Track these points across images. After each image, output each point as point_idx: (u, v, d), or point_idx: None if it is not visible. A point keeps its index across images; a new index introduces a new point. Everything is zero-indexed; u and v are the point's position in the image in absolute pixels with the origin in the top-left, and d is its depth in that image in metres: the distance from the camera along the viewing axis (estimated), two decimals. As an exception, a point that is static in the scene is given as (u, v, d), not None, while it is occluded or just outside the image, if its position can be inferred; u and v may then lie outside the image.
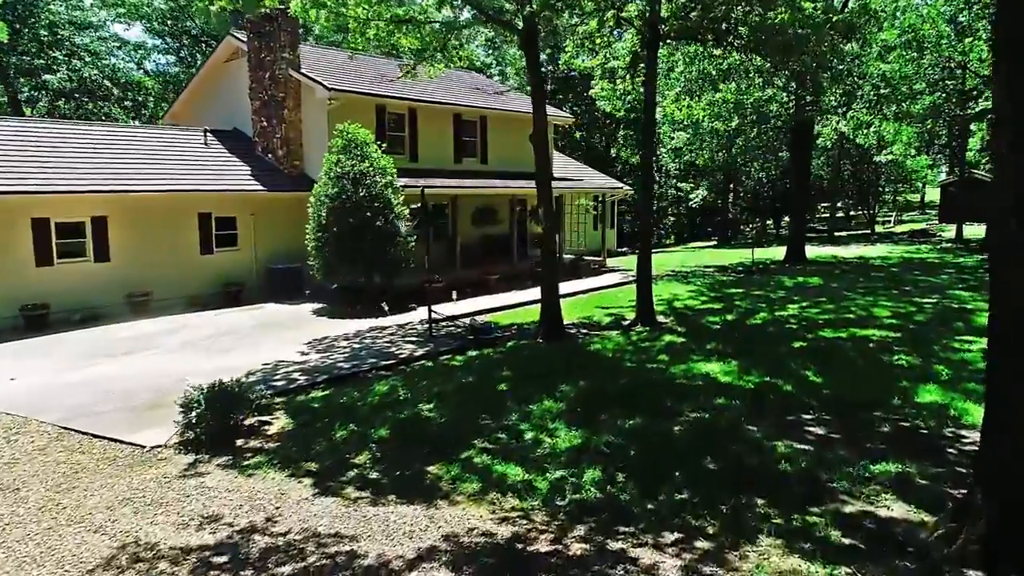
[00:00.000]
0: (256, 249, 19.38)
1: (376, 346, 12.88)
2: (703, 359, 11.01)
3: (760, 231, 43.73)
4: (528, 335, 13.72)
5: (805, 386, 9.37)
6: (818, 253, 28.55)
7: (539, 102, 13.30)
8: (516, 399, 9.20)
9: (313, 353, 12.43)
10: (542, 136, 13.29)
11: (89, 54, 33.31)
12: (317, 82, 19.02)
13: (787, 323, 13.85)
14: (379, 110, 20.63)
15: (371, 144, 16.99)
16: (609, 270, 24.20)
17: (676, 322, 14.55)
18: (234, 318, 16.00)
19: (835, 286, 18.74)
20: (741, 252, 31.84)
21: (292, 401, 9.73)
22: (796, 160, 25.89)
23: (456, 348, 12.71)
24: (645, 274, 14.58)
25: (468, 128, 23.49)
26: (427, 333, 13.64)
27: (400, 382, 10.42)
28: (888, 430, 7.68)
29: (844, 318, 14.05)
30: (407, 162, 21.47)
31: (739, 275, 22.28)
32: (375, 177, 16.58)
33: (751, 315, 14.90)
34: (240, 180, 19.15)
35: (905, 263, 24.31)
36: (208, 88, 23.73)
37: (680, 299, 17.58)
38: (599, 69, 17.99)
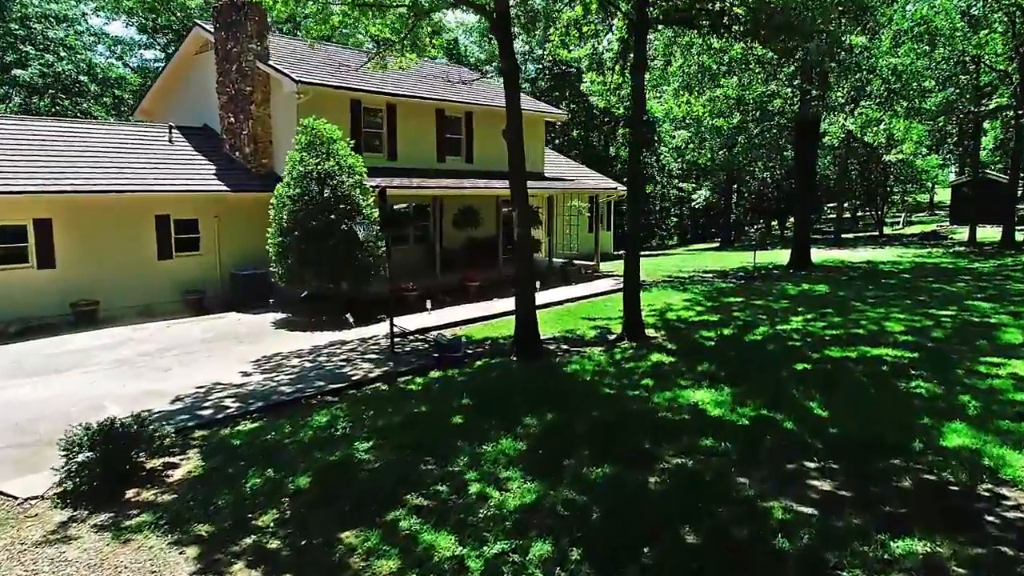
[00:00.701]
0: (220, 254, 18.08)
1: (329, 365, 11.55)
2: (692, 385, 9.64)
3: (763, 233, 42.27)
4: (502, 351, 12.39)
5: (808, 422, 8.00)
6: (824, 257, 27.13)
7: (513, 92, 11.96)
8: (470, 436, 7.86)
9: (257, 374, 11.11)
10: (517, 131, 11.95)
11: (65, 48, 32.06)
12: (284, 74, 17.70)
13: (789, 339, 12.46)
14: (354, 105, 19.31)
15: (338, 141, 15.66)
16: (602, 275, 22.83)
17: (666, 337, 13.18)
18: (185, 330, 14.69)
19: (843, 295, 17.33)
20: (743, 255, 30.45)
21: (213, 436, 8.40)
22: (801, 159, 24.49)
23: (418, 368, 11.37)
24: (632, 283, 13.23)
25: (452, 125, 22.16)
26: (389, 350, 12.30)
27: (343, 412, 9.09)
28: (909, 485, 6.31)
29: (853, 334, 12.66)
30: (385, 161, 20.18)
31: (740, 281, 20.89)
32: (342, 177, 15.26)
33: (750, 329, 13.52)
34: (202, 180, 17.85)
35: (917, 268, 22.87)
36: (177, 83, 22.45)
37: (674, 309, 16.20)
38: (586, 60, 16.63)
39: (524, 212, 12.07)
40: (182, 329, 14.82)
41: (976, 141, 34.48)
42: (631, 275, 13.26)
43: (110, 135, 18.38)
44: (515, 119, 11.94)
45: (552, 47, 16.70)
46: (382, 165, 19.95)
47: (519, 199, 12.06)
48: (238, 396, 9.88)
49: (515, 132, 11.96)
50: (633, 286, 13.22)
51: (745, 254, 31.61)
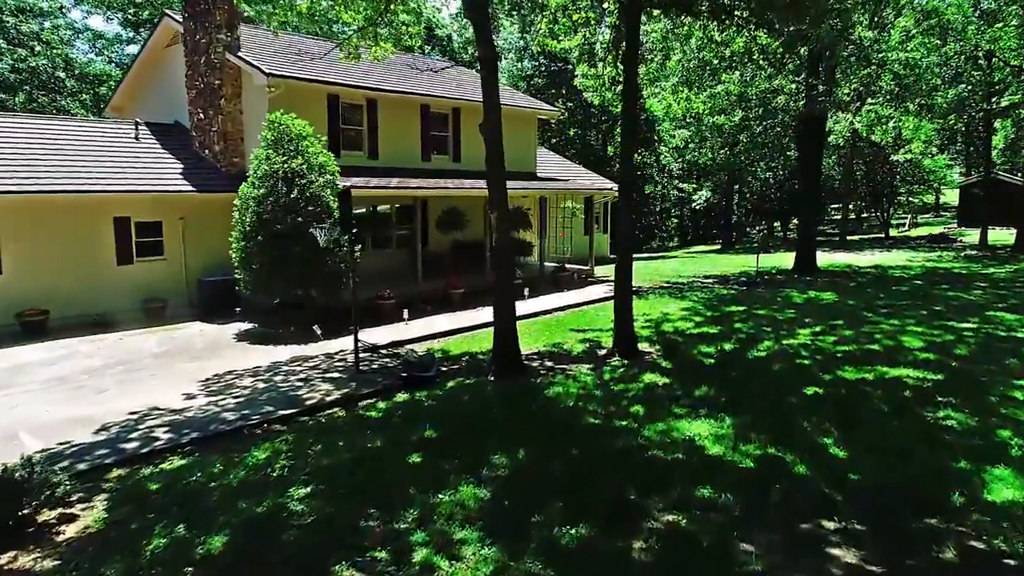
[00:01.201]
0: (186, 259, 16.91)
1: (285, 386, 10.37)
2: (689, 413, 8.46)
3: (766, 235, 41.08)
4: (480, 369, 11.20)
5: (824, 465, 6.80)
6: (830, 260, 25.93)
7: (491, 83, 10.77)
8: (427, 480, 6.68)
9: (202, 396, 9.92)
10: (495, 125, 10.77)
11: (40, 43, 30.88)
12: (254, 66, 16.52)
13: (797, 356, 11.27)
14: (331, 100, 18.14)
15: (308, 137, 14.47)
16: (597, 281, 21.64)
17: (661, 353, 11.98)
18: (140, 343, 13.51)
19: (852, 304, 16.13)
20: (745, 258, 29.25)
21: (129, 478, 7.22)
22: (806, 158, 23.29)
23: (383, 390, 10.19)
24: (624, 294, 12.05)
25: (438, 122, 20.98)
26: (354, 368, 11.11)
27: (287, 446, 7.91)
28: (954, 556, 5.12)
29: (867, 350, 11.46)
30: (365, 160, 19.01)
31: (742, 288, 19.69)
32: (312, 176, 14.08)
33: (753, 344, 12.32)
34: (167, 179, 16.68)
35: (929, 274, 21.66)
36: (148, 78, 21.29)
37: (671, 320, 15.00)
38: (577, 51, 15.44)
39: (504, 216, 10.89)
40: (136, 341, 13.64)
41: (988, 140, 33.24)
42: (623, 285, 12.08)
43: (69, 131, 17.20)
44: (493, 112, 10.75)
45: (539, 38, 15.50)
46: (362, 164, 18.79)
47: (498, 201, 10.88)
48: (173, 425, 8.70)
49: (493, 127, 10.78)
50: (625, 297, 12.04)
51: (747, 257, 30.42)
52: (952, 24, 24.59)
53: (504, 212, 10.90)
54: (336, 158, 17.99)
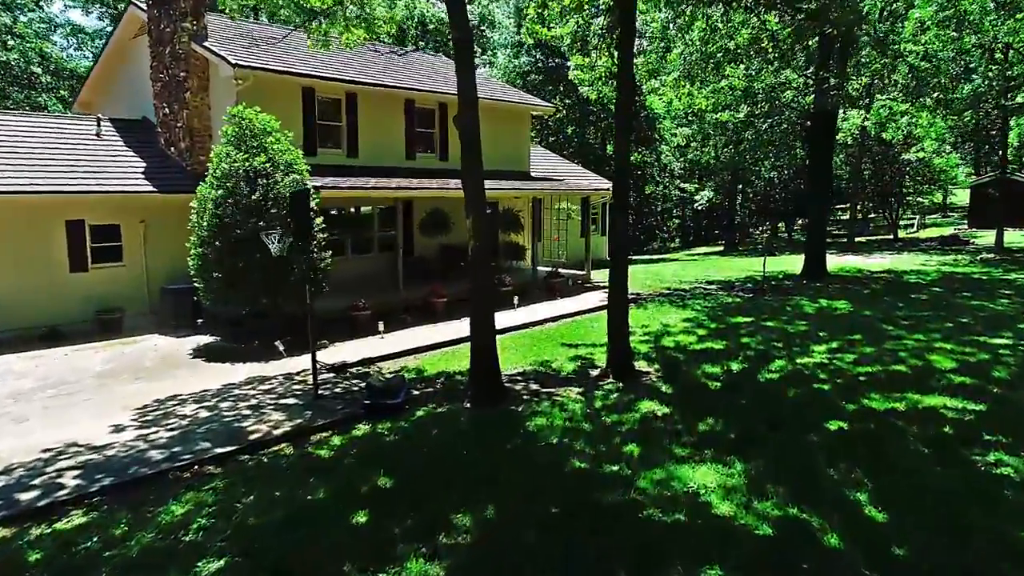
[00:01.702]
0: (147, 265, 15.64)
1: (230, 415, 9.09)
2: (692, 455, 7.17)
3: (771, 236, 39.77)
4: (456, 393, 9.92)
5: (860, 535, 5.51)
6: (840, 264, 24.60)
7: (465, 67, 9.50)
8: (369, 551, 5.41)
9: (132, 428, 8.64)
10: (470, 116, 9.49)
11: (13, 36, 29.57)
12: (220, 56, 15.24)
13: (814, 379, 9.97)
14: (307, 94, 16.84)
15: (274, 133, 13.20)
16: (593, 287, 20.36)
17: (661, 373, 10.69)
18: (85, 359, 12.24)
19: (869, 315, 14.82)
20: (750, 262, 27.94)
21: (10, 543, 5.94)
22: (815, 156, 21.97)
23: (342, 420, 8.91)
24: (619, 306, 10.75)
25: (424, 118, 19.69)
26: (313, 392, 9.81)
27: (213, 496, 6.64)
28: None
29: (894, 372, 10.15)
30: (344, 158, 17.73)
31: (748, 295, 18.38)
32: (277, 175, 12.81)
33: (764, 363, 11.03)
34: (126, 179, 15.40)
35: (946, 279, 20.34)
36: (115, 71, 20.03)
37: (671, 332, 13.70)
38: (568, 38, 14.16)
39: (481, 219, 9.60)
40: (81, 358, 12.36)
41: (1004, 138, 31.90)
42: (618, 295, 10.78)
43: (22, 127, 15.92)
44: (468, 101, 9.49)
45: (528, 24, 14.24)
46: (341, 163, 17.52)
47: (475, 202, 9.59)
48: (87, 467, 7.42)
49: (469, 118, 9.51)
50: (620, 309, 10.74)
51: (751, 260, 29.12)
52: (969, 15, 23.27)
53: (481, 215, 9.61)
54: (312, 156, 16.95)
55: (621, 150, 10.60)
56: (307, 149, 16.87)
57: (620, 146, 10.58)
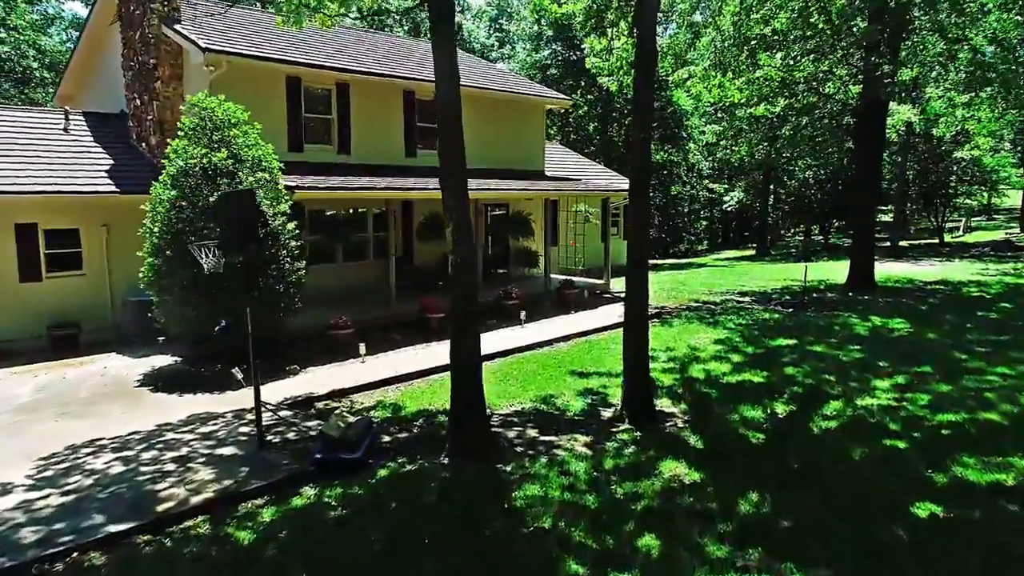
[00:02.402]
0: (110, 274, 14.00)
1: (148, 470, 7.30)
2: (730, 557, 5.20)
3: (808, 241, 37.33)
4: (434, 441, 8.05)
5: None
6: (887, 273, 22.24)
7: (443, 39, 7.62)
8: None
9: (21, 490, 6.88)
10: (449, 101, 7.62)
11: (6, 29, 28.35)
12: (190, 40, 13.55)
13: (884, 430, 7.93)
14: (291, 83, 15.10)
15: (240, 125, 11.44)
16: (613, 298, 18.36)
17: (689, 417, 8.72)
18: (14, 386, 10.58)
19: (934, 338, 12.65)
20: (783, 268, 25.70)
21: None
22: (863, 154, 19.71)
23: (283, 481, 7.08)
24: (637, 329, 8.79)
25: (427, 111, 17.81)
26: (258, 440, 7.98)
27: (69, 614, 4.83)
28: None
29: (985, 422, 8.07)
30: (335, 155, 15.98)
31: (787, 310, 16.26)
32: (241, 173, 11.04)
33: (815, 403, 9.00)
34: (87, 178, 13.78)
35: (1014, 293, 17.99)
36: (94, 60, 18.46)
37: (701, 358, 11.69)
38: (581, 14, 12.21)
39: (463, 228, 7.71)
40: (14, 383, 10.71)
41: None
42: (635, 318, 8.83)
43: (-22, 121, 14.40)
44: (447, 82, 7.62)
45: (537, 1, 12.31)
46: (331, 161, 15.76)
47: (454, 206, 7.70)
48: (-70, 555, 5.67)
49: (449, 106, 7.63)
50: (638, 336, 8.77)
51: (785, 267, 26.86)
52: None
53: (463, 220, 7.72)
54: (298, 153, 15.28)
55: (641, 140, 8.59)
56: (292, 145, 15.18)
57: (639, 136, 8.58)
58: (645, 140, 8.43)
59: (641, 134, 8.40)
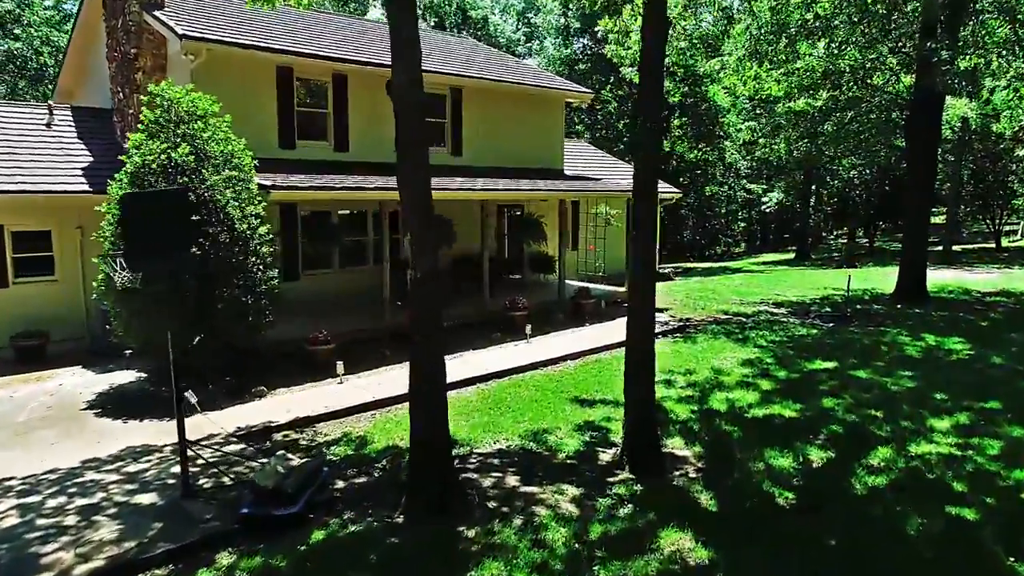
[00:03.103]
0: (85, 279, 13.01)
1: (45, 524, 6.12)
2: None
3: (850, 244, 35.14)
4: (397, 489, 6.72)
5: None
6: (939, 281, 20.25)
7: (404, 17, 6.30)
8: None
9: None
10: (408, 84, 6.30)
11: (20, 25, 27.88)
12: (167, 27, 12.50)
13: (945, 491, 6.37)
14: (283, 75, 13.97)
15: (206, 118, 10.29)
16: (634, 308, 16.81)
17: (704, 465, 7.25)
18: (-45, 407, 9.59)
19: (1000, 363, 10.91)
20: (824, 275, 23.84)
21: None
22: (915, 151, 17.82)
23: (197, 543, 5.83)
24: (642, 357, 7.37)
25: (433, 104, 16.55)
26: (184, 486, 6.75)
27: None
28: None
29: (1075, 483, 6.45)
30: (332, 152, 14.85)
31: (827, 324, 14.59)
32: (205, 171, 9.89)
33: (859, 449, 7.45)
34: (61, 177, 12.83)
35: (1087, 307, 16.01)
36: (88, 54, 17.57)
37: (725, 384, 10.17)
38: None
39: (424, 239, 6.39)
40: (-46, 404, 9.73)
41: None
42: (639, 343, 7.40)
43: (-47, 116, 13.58)
44: (406, 61, 6.29)
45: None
46: (327, 159, 14.62)
47: (417, 211, 6.39)
48: None
49: (409, 89, 6.31)
50: (642, 365, 7.34)
51: (826, 273, 24.97)
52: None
53: (425, 228, 6.40)
54: (290, 150, 14.19)
55: (649, 119, 7.11)
56: (284, 142, 14.08)
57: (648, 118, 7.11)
58: (654, 130, 6.98)
59: (648, 123, 6.96)
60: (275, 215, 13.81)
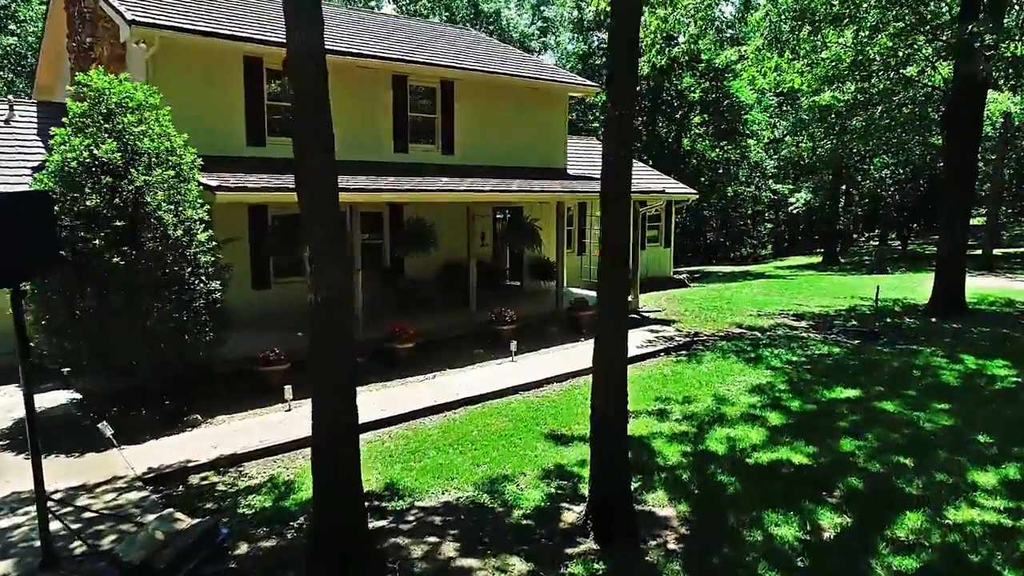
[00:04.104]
0: (33, 288, 11.98)
1: None
2: None
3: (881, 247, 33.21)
4: (302, 560, 5.47)
5: None
6: (979, 290, 18.51)
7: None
8: None
9: None
10: (313, 71, 5.05)
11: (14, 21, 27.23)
12: (116, 11, 11.42)
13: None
14: (251, 66, 12.83)
15: (141, 111, 9.14)
16: (639, 318, 15.47)
17: (686, 530, 5.89)
18: None
19: (1055, 393, 9.37)
20: (854, 282, 22.18)
21: None
22: (954, 148, 16.15)
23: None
24: (611, 398, 5.98)
25: (421, 99, 15.36)
26: (44, 554, 5.57)
27: None
28: None
29: None
30: (306, 149, 13.56)
31: (851, 342, 13.08)
32: (135, 171, 8.75)
33: (883, 513, 6.04)
34: (5, 176, 11.83)
35: None
36: (60, 47, 16.67)
37: (728, 417, 8.76)
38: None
39: (329, 251, 5.13)
40: None
41: None
42: (610, 378, 6.02)
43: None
44: (305, 28, 5.04)
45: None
46: (300, 156, 13.38)
47: (316, 210, 5.16)
48: None
49: (305, 63, 5.06)
50: (612, 409, 5.97)
51: (856, 279, 23.29)
52: None
53: (332, 239, 5.14)
54: (259, 147, 13.04)
55: (621, 98, 5.73)
56: (252, 139, 12.98)
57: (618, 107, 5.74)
58: (624, 117, 5.62)
59: (617, 111, 5.60)
60: (243, 218, 12.76)
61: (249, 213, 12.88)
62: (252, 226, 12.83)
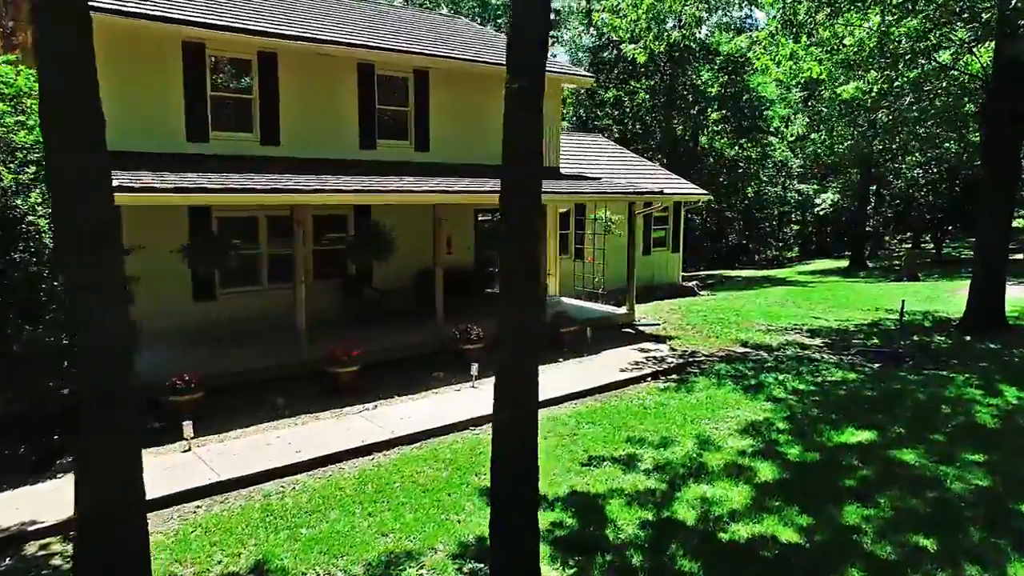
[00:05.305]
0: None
1: None
2: None
3: (912, 252, 31.04)
4: None
5: None
6: (1021, 302, 16.57)
7: None
8: None
9: None
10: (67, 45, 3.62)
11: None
12: (27, -9, 10.18)
13: None
14: (192, 52, 11.50)
15: (19, 99, 7.86)
16: (635, 333, 13.91)
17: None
18: None
19: (1118, 442, 7.61)
20: (880, 290, 20.34)
21: None
22: (990, 146, 14.28)
23: None
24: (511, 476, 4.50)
25: (391, 91, 13.95)
26: None
27: None
28: None
29: None
30: (258, 146, 12.34)
31: (871, 362, 11.37)
32: (3, 169, 7.45)
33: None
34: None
35: None
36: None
37: (708, 468, 7.17)
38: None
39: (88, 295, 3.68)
40: None
41: None
42: (508, 453, 4.53)
43: None
44: None
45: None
46: (251, 153, 12.13)
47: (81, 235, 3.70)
48: None
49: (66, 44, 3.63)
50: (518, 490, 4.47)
51: (883, 287, 21.42)
52: None
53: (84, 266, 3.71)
54: (201, 143, 11.73)
55: (520, 93, 4.25)
56: (193, 133, 11.67)
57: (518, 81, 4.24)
58: (522, 90, 4.13)
59: (514, 84, 4.11)
60: (183, 221, 11.46)
61: (190, 216, 11.60)
62: (194, 231, 11.52)
